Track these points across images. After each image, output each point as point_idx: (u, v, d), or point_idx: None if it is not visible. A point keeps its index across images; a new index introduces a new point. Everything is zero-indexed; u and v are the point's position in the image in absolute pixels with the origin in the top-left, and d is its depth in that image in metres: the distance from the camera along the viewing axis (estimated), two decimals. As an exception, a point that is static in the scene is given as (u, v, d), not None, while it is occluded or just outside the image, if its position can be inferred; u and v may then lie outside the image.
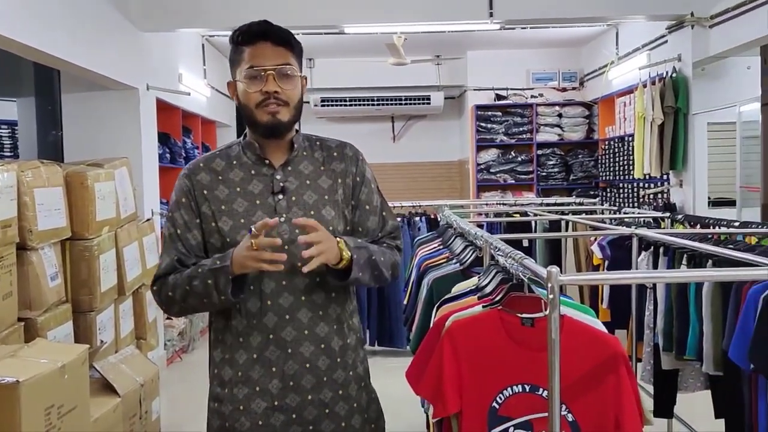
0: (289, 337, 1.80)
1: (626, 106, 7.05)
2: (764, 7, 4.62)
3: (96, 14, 4.71)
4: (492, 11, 5.40)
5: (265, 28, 1.84)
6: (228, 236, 1.81)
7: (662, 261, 3.12)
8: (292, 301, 1.80)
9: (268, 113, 1.79)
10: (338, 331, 1.86)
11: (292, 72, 1.82)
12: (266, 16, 5.98)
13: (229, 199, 1.83)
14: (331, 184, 1.89)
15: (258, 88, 1.79)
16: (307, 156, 1.90)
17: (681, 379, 3.23)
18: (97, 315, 4.13)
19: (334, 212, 1.86)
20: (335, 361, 1.85)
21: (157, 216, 5.67)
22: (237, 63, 1.85)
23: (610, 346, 1.69)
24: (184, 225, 1.85)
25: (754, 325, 2.16)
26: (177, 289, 1.80)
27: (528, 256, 1.95)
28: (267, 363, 1.80)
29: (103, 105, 5.34)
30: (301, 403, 1.81)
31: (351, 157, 1.94)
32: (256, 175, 1.85)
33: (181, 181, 1.88)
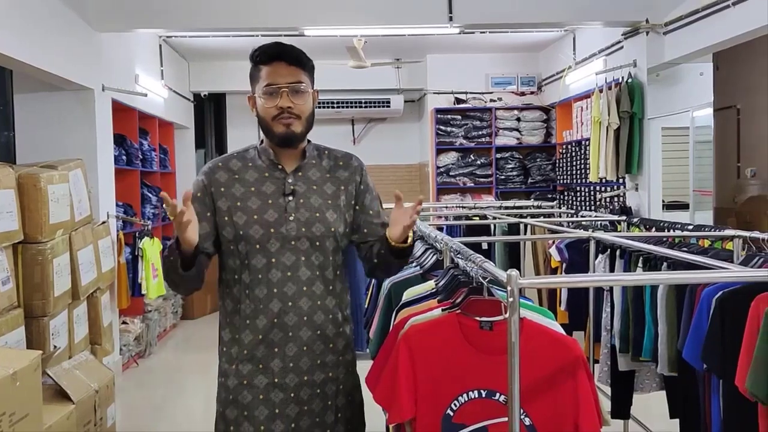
0: (291, 322, 2.02)
1: (583, 110, 7.15)
2: (717, 15, 4.72)
3: (50, 13, 4.61)
4: (452, 15, 5.43)
5: (281, 49, 2.04)
6: (241, 230, 2.02)
7: (619, 264, 3.17)
8: (295, 290, 2.02)
9: (283, 125, 2.01)
10: (333, 320, 2.08)
11: (304, 89, 2.03)
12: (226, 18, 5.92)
13: (244, 197, 2.05)
14: (335, 190, 2.11)
15: (274, 103, 2.00)
16: (315, 164, 2.12)
17: (637, 380, 3.28)
18: (51, 320, 4.06)
19: (336, 215, 2.08)
20: (328, 346, 2.06)
21: (113, 219, 5.58)
22: (255, 80, 2.06)
23: (569, 349, 1.70)
24: (197, 216, 1.97)
25: (706, 326, 2.20)
26: (165, 261, 2.00)
27: (487, 259, 1.97)
28: (270, 344, 2.02)
29: (57, 106, 5.23)
30: (298, 383, 2.03)
31: (356, 167, 2.18)
32: (269, 177, 2.07)
33: (199, 177, 2.11)
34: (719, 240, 3.06)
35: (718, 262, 2.21)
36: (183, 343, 7.21)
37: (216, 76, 8.96)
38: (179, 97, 8.34)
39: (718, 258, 2.50)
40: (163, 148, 7.72)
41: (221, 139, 9.91)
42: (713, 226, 3.26)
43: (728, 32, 4.60)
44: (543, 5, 5.49)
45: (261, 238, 2.01)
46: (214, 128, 9.88)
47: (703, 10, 4.83)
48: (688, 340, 2.32)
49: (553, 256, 4.09)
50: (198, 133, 9.35)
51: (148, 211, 6.90)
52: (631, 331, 3.05)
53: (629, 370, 3.21)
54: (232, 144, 9.82)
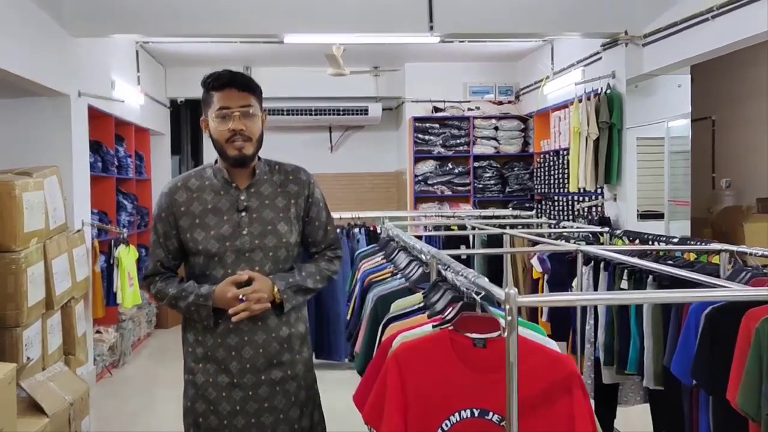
0: (246, 328, 2.23)
1: (561, 120, 7.18)
2: (695, 27, 4.77)
3: (25, 18, 4.52)
4: (432, 24, 5.43)
5: (232, 76, 2.22)
6: (200, 244, 2.24)
7: (603, 276, 3.17)
8: (251, 326, 2.23)
9: (236, 149, 2.20)
10: (286, 321, 2.29)
11: (253, 111, 2.23)
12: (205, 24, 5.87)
13: (202, 214, 2.26)
14: (285, 204, 2.31)
15: (226, 126, 2.19)
16: (267, 180, 2.32)
17: (621, 393, 3.28)
18: (24, 330, 3.96)
19: (287, 227, 2.29)
20: (283, 346, 2.28)
21: (88, 227, 5.48)
22: (208, 104, 2.24)
23: (564, 366, 1.68)
24: (163, 234, 2.29)
25: (695, 341, 2.20)
26: (163, 298, 2.28)
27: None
28: (228, 347, 2.24)
29: (31, 112, 5.13)
30: (255, 382, 2.24)
31: (304, 181, 2.37)
32: (224, 195, 2.28)
33: (162, 199, 2.31)
34: (705, 254, 3.07)
35: (708, 278, 2.21)
36: (157, 352, 7.11)
37: (193, 82, 8.70)
38: (156, 103, 8.24)
39: (705, 272, 2.51)
40: (138, 155, 7.62)
41: (197, 145, 9.82)
42: (699, 240, 3.27)
43: (707, 45, 4.65)
44: (523, 16, 5.51)
45: (218, 251, 2.23)
46: (190, 135, 9.78)
47: (681, 22, 4.87)
48: (675, 355, 2.32)
49: (534, 266, 4.08)
50: (174, 140, 9.24)
51: (123, 219, 6.80)
52: (615, 344, 3.05)
53: (613, 383, 3.21)
54: (208, 150, 9.70)
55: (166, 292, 2.27)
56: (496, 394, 1.70)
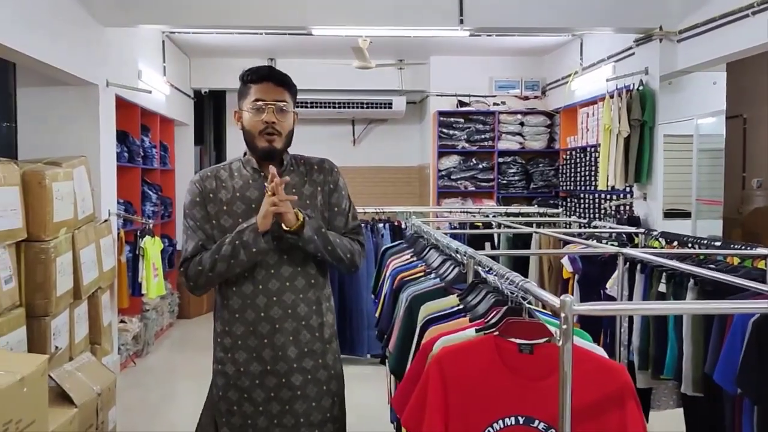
0: (276, 315, 2.26)
1: (589, 116, 7.09)
2: (732, 24, 4.67)
3: (55, 7, 4.51)
4: (462, 18, 5.36)
5: (270, 71, 2.31)
6: (228, 231, 2.25)
7: (639, 278, 3.10)
8: (279, 285, 2.27)
9: (266, 141, 2.26)
10: (317, 311, 2.32)
11: (287, 108, 2.30)
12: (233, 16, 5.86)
13: (230, 201, 2.30)
14: (312, 192, 2.37)
15: (260, 117, 2.25)
16: (293, 170, 2.38)
17: (653, 397, 3.21)
18: (52, 320, 3.97)
19: (314, 214, 2.31)
20: (314, 335, 2.31)
21: (114, 217, 5.49)
22: (244, 96, 2.31)
23: (617, 375, 1.63)
24: (200, 219, 2.31)
25: (741, 349, 2.15)
26: (205, 262, 2.23)
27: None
28: (259, 335, 2.26)
29: (60, 100, 5.12)
30: (288, 369, 2.26)
31: (327, 169, 2.43)
32: (252, 184, 2.32)
33: (192, 186, 2.35)
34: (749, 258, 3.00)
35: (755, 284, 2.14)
36: (180, 342, 7.13)
37: (217, 73, 8.86)
38: (180, 93, 8.24)
39: (749, 277, 2.44)
40: (163, 145, 7.62)
41: (220, 136, 9.83)
42: (743, 243, 3.19)
43: (746, 42, 4.54)
44: (555, 10, 5.43)
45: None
46: (213, 125, 9.79)
47: (719, 18, 4.77)
48: (720, 363, 2.26)
49: (565, 266, 4.02)
50: (197, 130, 9.25)
51: (148, 209, 6.81)
52: (651, 348, 2.98)
53: (646, 387, 3.15)
54: (231, 141, 9.73)
55: (207, 254, 2.24)
56: (542, 402, 1.66)
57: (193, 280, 2.28)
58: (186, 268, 2.29)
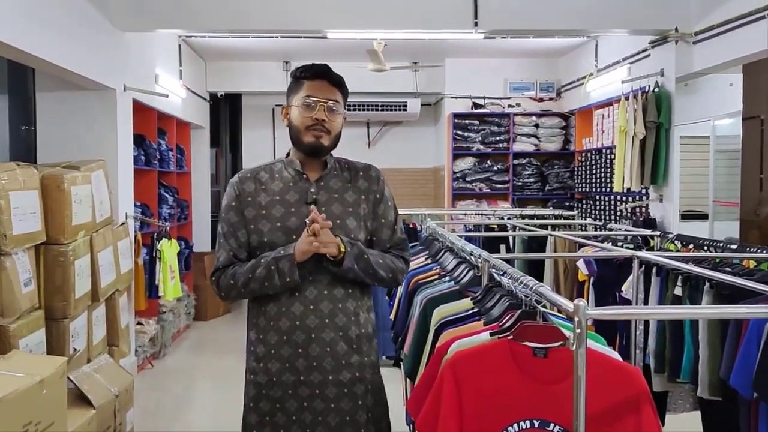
0: (312, 324, 2.14)
1: (604, 118, 7.07)
2: (749, 26, 4.65)
3: (74, 12, 4.56)
4: (477, 21, 5.37)
5: (326, 69, 2.23)
6: (265, 236, 2.18)
7: (655, 281, 3.09)
8: (316, 294, 2.15)
9: (314, 136, 2.18)
10: (355, 321, 2.20)
11: (338, 109, 2.22)
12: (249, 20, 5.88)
13: (269, 205, 2.21)
14: (355, 199, 2.25)
15: (310, 114, 2.17)
16: (337, 175, 2.28)
17: (670, 400, 3.20)
18: (71, 322, 4.01)
19: (357, 223, 2.22)
20: (351, 347, 2.18)
21: (131, 220, 5.53)
22: (294, 92, 2.23)
23: (632, 379, 1.63)
24: (234, 225, 2.22)
25: (757, 353, 2.14)
26: (239, 277, 2.16)
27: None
28: (294, 344, 2.15)
29: (78, 105, 5.18)
30: (323, 381, 2.15)
31: (374, 177, 2.32)
32: (293, 186, 2.23)
33: (230, 188, 2.26)
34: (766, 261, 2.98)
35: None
36: (196, 344, 7.17)
37: (233, 76, 8.92)
38: (196, 96, 8.30)
39: (766, 281, 2.43)
40: (179, 148, 7.68)
41: (236, 139, 9.88)
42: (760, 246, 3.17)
43: (761, 44, 4.51)
44: (570, 12, 5.42)
45: (284, 244, 2.15)
46: (229, 128, 9.85)
47: (735, 20, 4.75)
48: (735, 366, 2.26)
49: (580, 269, 4.01)
50: (213, 133, 9.31)
51: (164, 212, 6.86)
52: (667, 351, 2.97)
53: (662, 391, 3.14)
54: (247, 144, 9.79)
55: (240, 270, 2.16)
56: (558, 406, 1.66)
57: (224, 292, 2.22)
58: (218, 278, 2.22)
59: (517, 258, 4.29)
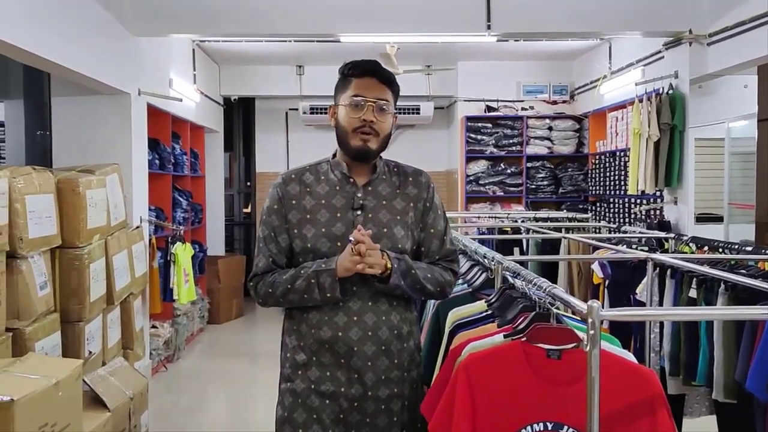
0: (355, 336, 2.05)
1: (618, 120, 7.04)
2: (763, 27, 4.62)
3: (89, 17, 4.60)
4: (490, 24, 5.36)
5: (375, 66, 2.11)
6: (309, 242, 2.07)
7: (669, 283, 3.08)
8: (360, 305, 2.06)
9: (361, 140, 2.06)
10: (398, 335, 2.10)
11: (388, 108, 2.09)
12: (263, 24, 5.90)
13: (314, 209, 2.10)
14: (404, 207, 2.14)
15: (358, 114, 2.05)
16: (385, 179, 2.16)
17: (686, 403, 3.18)
18: (86, 325, 4.04)
19: (404, 231, 2.11)
20: (393, 362, 2.08)
21: (146, 223, 5.57)
22: (342, 90, 2.11)
23: (647, 381, 1.62)
24: (276, 228, 2.12)
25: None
26: (277, 286, 2.07)
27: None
28: (336, 355, 2.06)
29: (93, 109, 5.22)
30: (363, 394, 2.06)
31: (424, 184, 2.21)
32: (340, 191, 2.11)
33: (273, 190, 2.16)
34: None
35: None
36: (210, 348, 7.20)
37: (246, 80, 8.95)
38: (210, 101, 8.34)
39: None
40: (193, 152, 7.72)
41: (249, 143, 9.92)
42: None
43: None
44: (583, 14, 5.41)
45: (328, 251, 2.05)
46: (242, 132, 9.89)
47: (749, 21, 4.72)
48: (752, 369, 2.24)
49: (595, 272, 4.00)
50: (227, 137, 9.35)
51: (178, 216, 6.90)
52: (682, 354, 2.96)
53: (679, 394, 3.12)
54: (260, 148, 9.82)
55: (280, 279, 2.07)
56: (571, 408, 1.66)
57: (262, 299, 2.13)
58: (256, 284, 2.13)
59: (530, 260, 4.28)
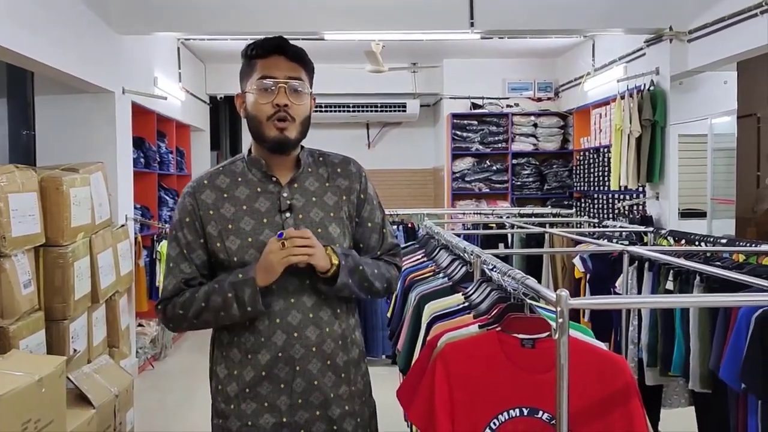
0: (297, 355, 1.82)
1: (602, 117, 7.10)
2: (742, 23, 4.68)
3: (72, 15, 4.60)
4: (473, 21, 5.40)
5: (281, 42, 1.85)
6: (236, 255, 1.81)
7: (647, 276, 3.13)
8: (300, 318, 1.82)
9: (277, 128, 1.80)
10: (343, 346, 1.88)
11: (302, 88, 1.83)
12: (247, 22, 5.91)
13: (236, 217, 1.83)
14: (336, 201, 1.90)
15: (269, 100, 1.80)
16: (312, 172, 1.91)
17: (665, 395, 3.23)
18: (71, 323, 4.04)
19: (340, 229, 1.88)
20: (339, 377, 1.87)
21: (131, 222, 5.57)
22: (248, 75, 1.86)
23: (618, 369, 1.66)
24: (188, 245, 1.85)
25: (745, 345, 2.17)
26: (189, 307, 1.81)
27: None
28: (276, 380, 1.82)
29: (77, 108, 5.22)
30: (309, 419, 1.84)
31: (355, 173, 1.96)
32: (262, 192, 1.86)
33: (184, 200, 1.88)
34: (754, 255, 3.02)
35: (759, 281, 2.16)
36: (197, 345, 7.19)
37: (232, 78, 8.80)
38: (196, 99, 8.34)
39: (755, 274, 2.45)
40: (179, 151, 7.73)
41: (235, 141, 9.93)
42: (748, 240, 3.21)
43: (755, 41, 4.55)
44: (565, 12, 5.46)
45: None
46: (228, 130, 9.89)
47: (729, 18, 4.78)
48: (725, 359, 2.28)
49: (576, 266, 4.05)
50: (213, 136, 9.35)
51: (164, 214, 6.90)
52: (660, 345, 3.01)
53: (657, 385, 3.17)
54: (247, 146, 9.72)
55: (192, 297, 1.82)
56: (546, 394, 1.69)
57: (173, 323, 1.88)
58: (164, 308, 1.86)
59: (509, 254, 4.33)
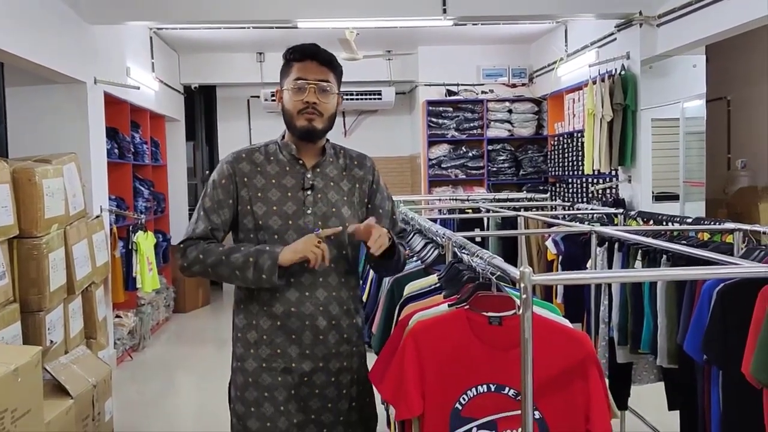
0: (307, 312, 2.14)
1: (575, 102, 7.16)
2: (710, 7, 4.74)
3: (42, 5, 4.56)
4: (445, 8, 5.42)
5: (314, 48, 2.17)
6: (261, 219, 2.14)
7: (617, 257, 3.19)
8: (312, 280, 2.14)
9: (306, 120, 2.13)
10: (347, 311, 2.20)
11: (330, 89, 2.16)
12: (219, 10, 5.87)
13: (265, 188, 2.17)
14: (350, 188, 2.24)
15: (300, 97, 2.13)
16: (333, 162, 2.25)
17: (635, 372, 3.30)
18: (47, 315, 4.03)
19: (351, 211, 2.21)
20: (342, 336, 2.18)
21: (106, 213, 5.55)
22: (286, 75, 2.19)
23: (580, 344, 1.71)
24: (219, 202, 2.17)
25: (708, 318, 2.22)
26: (209, 255, 2.10)
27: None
28: (288, 330, 2.14)
29: (49, 99, 5.18)
30: (313, 369, 2.15)
31: (369, 167, 2.30)
32: (290, 171, 2.19)
33: (223, 166, 2.21)
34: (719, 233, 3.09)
35: (722, 257, 2.22)
36: (176, 336, 7.20)
37: (206, 68, 8.91)
38: (170, 89, 8.29)
39: (719, 251, 2.52)
40: (154, 141, 7.68)
41: (211, 131, 9.88)
42: (713, 219, 3.28)
43: (722, 24, 4.61)
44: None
45: (279, 228, 2.13)
46: (204, 121, 9.84)
47: (696, 2, 4.84)
48: (689, 332, 2.34)
49: (549, 248, 4.10)
50: (188, 126, 9.30)
51: (140, 205, 6.87)
52: (629, 324, 3.07)
53: (627, 362, 3.23)
54: (223, 136, 9.78)
55: (216, 249, 2.11)
56: (512, 371, 1.74)
57: (187, 263, 2.14)
58: (186, 247, 2.16)
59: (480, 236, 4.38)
